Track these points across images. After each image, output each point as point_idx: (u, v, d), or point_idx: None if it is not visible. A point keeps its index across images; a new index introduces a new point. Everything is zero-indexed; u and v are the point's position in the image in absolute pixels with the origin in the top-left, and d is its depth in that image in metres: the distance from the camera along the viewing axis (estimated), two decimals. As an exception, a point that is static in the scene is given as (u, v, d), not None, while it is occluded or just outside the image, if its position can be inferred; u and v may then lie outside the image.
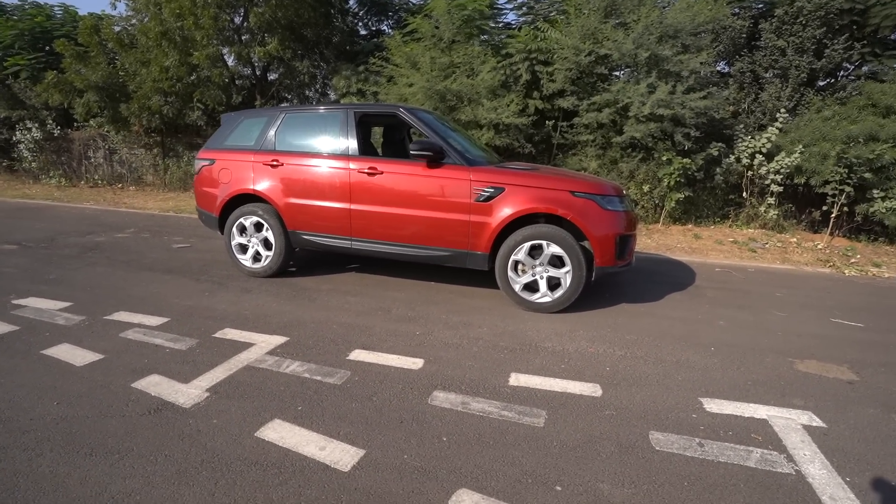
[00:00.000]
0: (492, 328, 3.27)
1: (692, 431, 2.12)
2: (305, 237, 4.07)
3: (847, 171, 6.47)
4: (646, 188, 7.39)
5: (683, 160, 6.90)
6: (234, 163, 4.22)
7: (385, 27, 11.88)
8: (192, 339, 2.92)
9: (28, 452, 1.85)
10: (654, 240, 6.66)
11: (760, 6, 8.38)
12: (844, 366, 2.89)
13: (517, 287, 3.62)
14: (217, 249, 5.30)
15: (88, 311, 3.34)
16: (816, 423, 2.23)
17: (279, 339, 2.96)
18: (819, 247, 6.45)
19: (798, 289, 4.67)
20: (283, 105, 10.54)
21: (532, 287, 3.62)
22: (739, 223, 7.38)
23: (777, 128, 7.00)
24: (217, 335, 3.00)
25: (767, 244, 6.45)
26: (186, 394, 2.31)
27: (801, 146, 6.75)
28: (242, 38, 10.16)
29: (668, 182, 7.09)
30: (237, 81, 10.92)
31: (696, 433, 2.11)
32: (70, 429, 2.01)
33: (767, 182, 7.09)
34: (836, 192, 6.64)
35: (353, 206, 3.87)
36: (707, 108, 6.72)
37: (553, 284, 3.58)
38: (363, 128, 4.15)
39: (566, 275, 3.50)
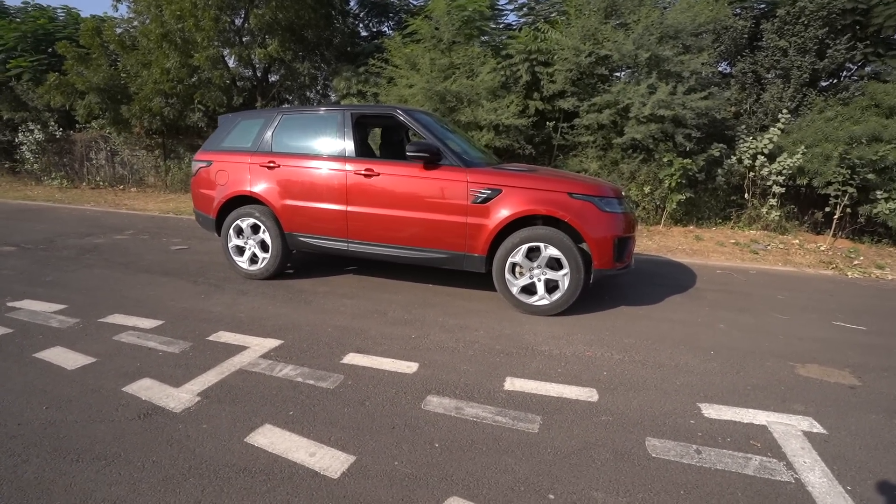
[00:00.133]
0: (488, 331, 3.24)
1: (690, 438, 2.09)
2: (302, 239, 4.05)
3: (850, 172, 6.41)
4: (647, 189, 7.34)
5: (684, 161, 6.85)
6: (231, 164, 4.21)
7: (386, 28, 11.87)
8: (186, 343, 2.90)
9: (14, 458, 1.82)
10: (655, 241, 6.61)
11: (762, 6, 8.33)
12: (846, 370, 2.85)
13: (514, 290, 3.59)
14: (215, 251, 5.29)
15: (83, 314, 3.32)
16: (817, 430, 2.19)
17: (273, 343, 2.93)
18: (822, 248, 6.39)
19: (800, 291, 4.62)
20: (283, 107, 10.54)
21: (530, 290, 3.59)
22: (741, 225, 7.32)
23: (779, 128, 6.95)
24: (211, 338, 2.98)
25: (769, 246, 6.39)
26: (177, 398, 2.28)
27: (804, 147, 6.70)
28: (243, 40, 10.17)
29: (669, 183, 7.04)
30: (238, 83, 10.93)
31: (694, 440, 2.08)
32: (58, 434, 1.98)
33: (769, 183, 7.03)
34: (839, 194, 6.58)
35: (350, 208, 3.84)
36: (708, 109, 6.68)
37: (551, 287, 3.54)
38: (360, 129, 4.12)
39: (564, 277, 3.46)
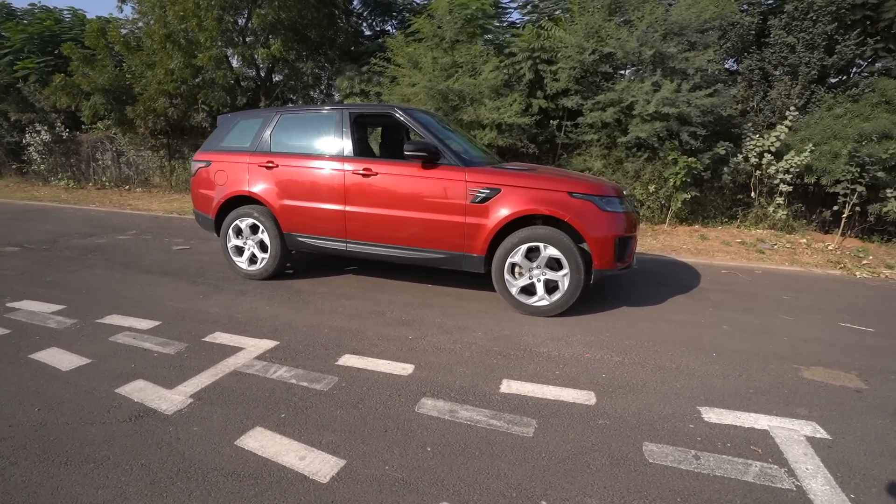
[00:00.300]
0: (486, 332, 3.20)
1: (688, 443, 2.04)
2: (301, 239, 4.03)
3: (859, 170, 6.30)
4: (651, 188, 7.26)
5: (689, 159, 6.76)
6: (230, 164, 4.20)
7: (389, 27, 11.86)
8: (182, 344, 2.89)
9: (2, 461, 1.81)
10: (660, 241, 6.53)
11: (770, 2, 8.23)
12: (852, 373, 2.78)
13: (514, 290, 3.54)
14: (216, 251, 5.29)
15: (81, 315, 3.32)
16: (820, 435, 2.13)
17: (269, 344, 2.91)
18: (830, 248, 6.28)
19: (806, 291, 4.53)
20: (281, 106, 10.53)
21: (529, 290, 3.54)
22: (748, 224, 7.22)
23: (786, 126, 6.84)
24: (207, 339, 2.97)
25: (776, 245, 6.29)
26: (170, 400, 2.27)
27: (812, 145, 6.59)
28: (246, 40, 10.20)
29: (674, 182, 6.96)
30: (242, 83, 10.96)
31: (693, 445, 2.03)
32: (48, 436, 1.97)
33: (776, 181, 6.92)
34: (848, 192, 6.47)
35: (348, 208, 3.82)
36: (714, 106, 6.58)
37: (551, 287, 3.49)
38: (359, 128, 4.10)
39: (564, 278, 3.41)
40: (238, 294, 3.87)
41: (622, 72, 7.61)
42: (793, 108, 7.05)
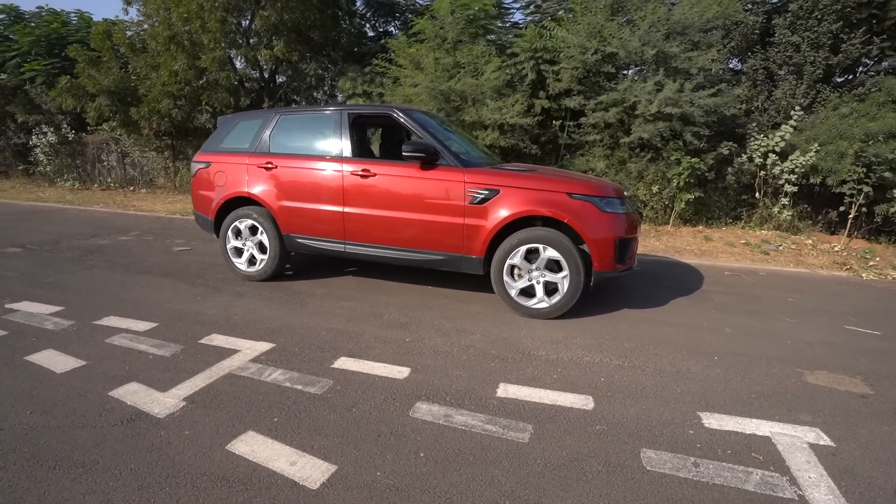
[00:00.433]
0: (485, 335, 3.16)
1: (688, 450, 1.99)
2: (299, 241, 4.02)
3: (865, 171, 6.21)
4: (655, 189, 7.20)
5: (693, 160, 6.69)
6: (229, 165, 4.19)
7: (392, 28, 11.86)
8: (177, 346, 2.87)
9: (-8, 464, 1.80)
10: (663, 242, 6.47)
11: (774, 1, 8.13)
12: (858, 377, 2.72)
13: (513, 292, 3.51)
14: (216, 252, 5.28)
15: (79, 316, 3.32)
16: (824, 442, 2.08)
17: (265, 346, 2.89)
18: (836, 249, 6.20)
19: (811, 293, 4.46)
20: (281, 107, 10.54)
21: (528, 292, 3.50)
22: (752, 224, 7.14)
23: (791, 126, 6.76)
24: (203, 341, 2.95)
25: (781, 246, 6.21)
26: (162, 403, 2.25)
27: (817, 145, 6.50)
28: (250, 42, 10.22)
29: (678, 182, 6.89)
30: (246, 84, 10.98)
31: (692, 451, 1.98)
32: (39, 439, 1.96)
33: (781, 182, 6.84)
34: (854, 192, 6.38)
35: (347, 209, 3.80)
36: (717, 106, 6.51)
37: (550, 289, 3.45)
38: (358, 129, 4.08)
39: (563, 280, 3.37)
40: (236, 295, 3.85)
41: (625, 72, 7.56)
42: (798, 108, 6.98)
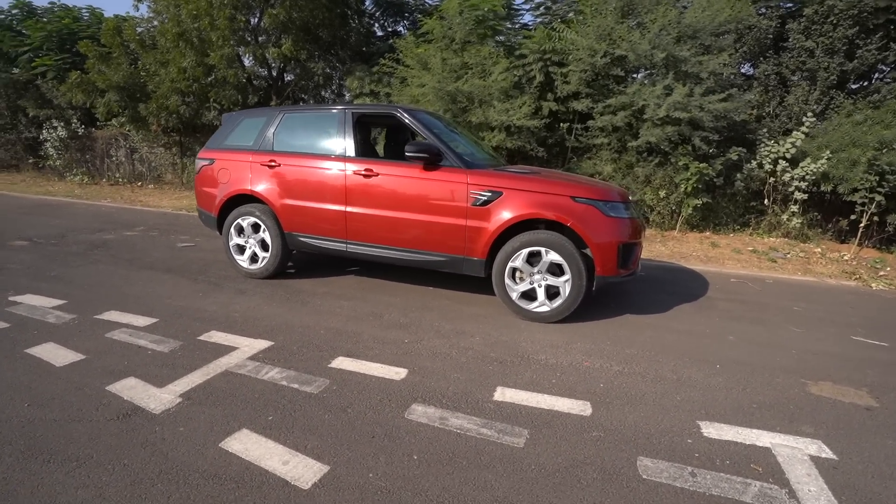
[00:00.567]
0: (484, 338, 3.14)
1: (685, 459, 1.96)
2: (301, 239, 4.02)
3: (878, 179, 6.11)
4: (662, 193, 7.13)
5: (701, 165, 6.62)
6: (233, 163, 4.20)
7: (401, 28, 11.86)
8: (176, 342, 2.88)
9: (-14, 456, 1.81)
10: (669, 247, 6.40)
11: (789, 6, 8.03)
12: (863, 389, 2.67)
13: (514, 295, 3.48)
14: (220, 249, 5.29)
15: (80, 310, 3.34)
16: (826, 455, 2.04)
17: (263, 344, 2.89)
18: (845, 258, 6.10)
19: (819, 303, 4.39)
20: (285, 105, 10.57)
21: (530, 295, 3.48)
22: (760, 231, 7.05)
23: (803, 132, 6.67)
24: (202, 338, 2.95)
25: (789, 254, 6.13)
26: (159, 399, 2.25)
27: (829, 152, 6.41)
28: (258, 39, 10.26)
29: (686, 188, 6.82)
30: (254, 82, 11.04)
31: (690, 461, 1.95)
32: (35, 433, 1.96)
33: (791, 189, 6.75)
34: (866, 201, 6.28)
35: (349, 209, 3.79)
36: (727, 111, 6.44)
37: (552, 293, 3.43)
38: (361, 129, 4.07)
39: (565, 284, 3.34)
40: (237, 293, 3.86)
41: (634, 75, 7.49)
42: (810, 114, 6.88)
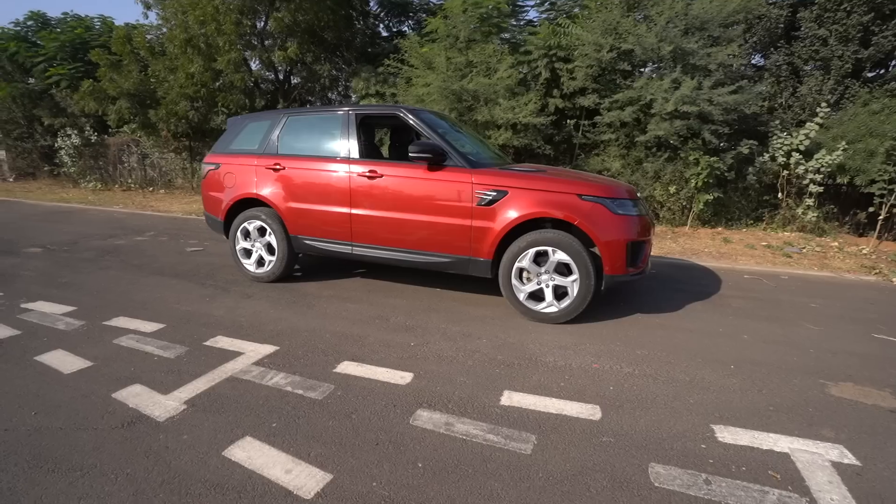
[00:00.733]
0: (491, 340, 3.10)
1: (699, 465, 1.89)
2: (307, 242, 4.01)
3: (897, 170, 5.94)
4: (672, 189, 7.02)
5: (712, 159, 6.49)
6: (238, 167, 4.21)
7: (406, 28, 11.85)
8: (183, 347, 2.88)
9: (-8, 466, 1.81)
10: (680, 244, 6.29)
11: (800, -6, 7.84)
12: (886, 391, 2.57)
13: (521, 296, 3.43)
14: (227, 253, 5.30)
15: (89, 316, 3.36)
16: (848, 461, 1.95)
17: (269, 349, 2.88)
18: (864, 252, 5.93)
19: (837, 299, 4.27)
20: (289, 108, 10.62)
21: (537, 296, 3.42)
22: (774, 226, 6.90)
23: (817, 123, 6.50)
24: (208, 343, 2.95)
25: (804, 249, 5.98)
26: (164, 406, 2.25)
27: (845, 143, 6.25)
28: (265, 43, 10.32)
29: (696, 183, 6.70)
30: (261, 85, 11.11)
31: (704, 468, 1.88)
32: (41, 441, 1.97)
33: (806, 182, 6.59)
34: (885, 192, 6.11)
35: (354, 211, 3.77)
36: (737, 104, 6.30)
37: (560, 293, 3.37)
38: (365, 130, 4.05)
39: (573, 283, 3.28)
40: (244, 297, 3.86)
41: (641, 69, 7.38)
42: (824, 105, 6.71)
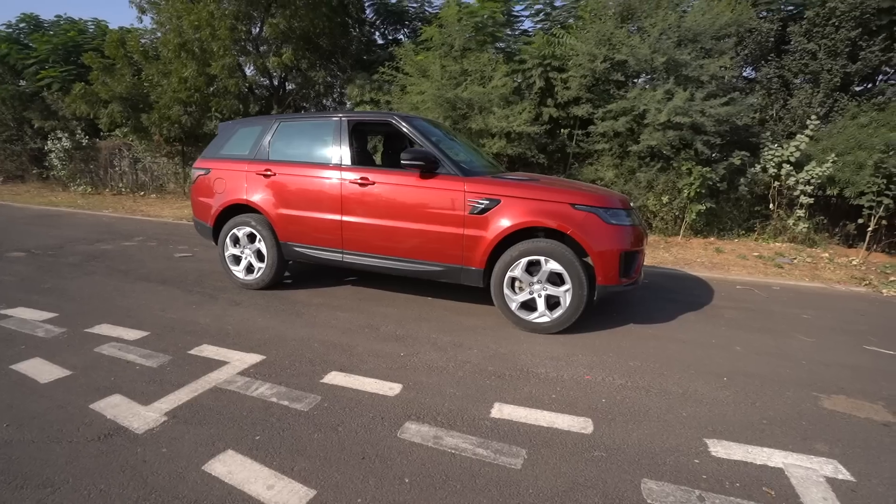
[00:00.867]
0: (482, 350, 3.05)
1: (692, 481, 1.85)
2: (297, 249, 3.95)
3: (886, 182, 5.99)
4: (665, 199, 7.04)
5: (704, 170, 6.53)
6: (229, 172, 4.15)
7: (401, 36, 11.88)
8: (166, 356, 2.80)
9: (-42, 482, 1.73)
10: (673, 254, 6.30)
11: (790, 8, 7.96)
12: (879, 403, 2.55)
13: (513, 306, 3.39)
14: (216, 260, 5.22)
15: (71, 324, 3.27)
16: (843, 476, 1.92)
17: (255, 358, 2.81)
18: (854, 263, 5.97)
19: (828, 310, 4.27)
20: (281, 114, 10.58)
21: (529, 306, 3.38)
22: (766, 236, 6.93)
23: (807, 135, 6.57)
24: (192, 352, 2.88)
25: (796, 259, 6.01)
26: (143, 417, 2.17)
27: (834, 155, 6.31)
28: (259, 49, 10.30)
29: (689, 193, 6.73)
30: (256, 91, 11.07)
31: (698, 483, 1.84)
32: (11, 455, 1.89)
33: (797, 193, 6.64)
34: (874, 204, 6.16)
35: (345, 218, 3.72)
36: (729, 115, 6.35)
37: (552, 303, 3.33)
38: (357, 136, 4.02)
39: (566, 293, 3.25)
40: (232, 304, 3.79)
41: (635, 80, 7.44)
42: (814, 117, 6.78)
